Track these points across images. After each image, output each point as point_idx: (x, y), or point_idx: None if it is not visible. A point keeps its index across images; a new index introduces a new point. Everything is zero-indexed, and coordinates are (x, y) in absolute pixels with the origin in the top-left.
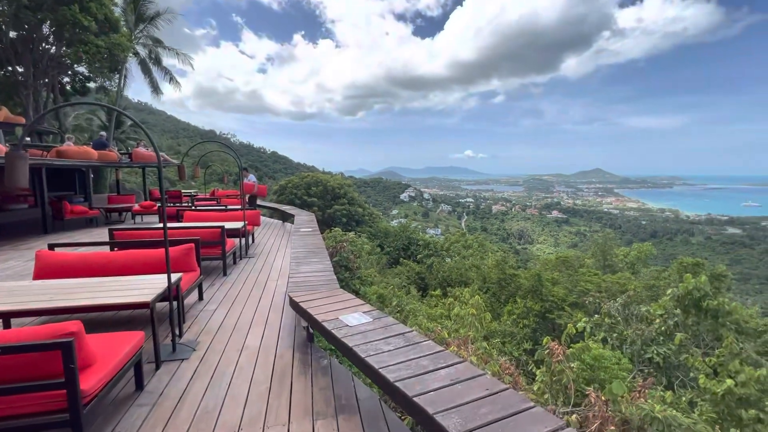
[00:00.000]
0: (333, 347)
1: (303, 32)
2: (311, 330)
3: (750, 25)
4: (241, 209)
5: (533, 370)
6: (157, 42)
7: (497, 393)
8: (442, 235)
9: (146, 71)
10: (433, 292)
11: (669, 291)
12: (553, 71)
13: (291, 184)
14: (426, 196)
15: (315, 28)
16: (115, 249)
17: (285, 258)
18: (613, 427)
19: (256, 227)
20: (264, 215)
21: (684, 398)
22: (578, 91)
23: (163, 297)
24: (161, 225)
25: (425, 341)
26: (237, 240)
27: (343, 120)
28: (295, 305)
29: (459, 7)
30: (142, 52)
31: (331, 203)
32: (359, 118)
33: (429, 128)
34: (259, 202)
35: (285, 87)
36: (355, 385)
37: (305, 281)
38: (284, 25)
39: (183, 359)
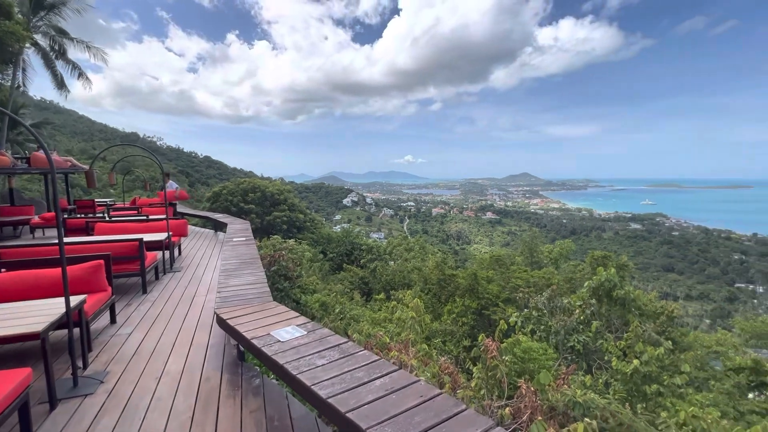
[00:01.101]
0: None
1: (237, 32)
2: (242, 348)
3: (643, 47)
4: (165, 219)
5: (470, 368)
6: (62, 33)
7: (431, 399)
8: (385, 239)
9: (49, 65)
10: (376, 296)
11: (586, 283)
12: (484, 82)
13: (226, 190)
14: (369, 200)
15: (250, 28)
16: (2, 270)
17: (216, 270)
18: (540, 417)
19: (183, 238)
20: (195, 224)
21: (600, 380)
22: (506, 100)
23: (60, 324)
24: (68, 240)
25: (361, 351)
26: (160, 253)
27: (283, 124)
28: (222, 323)
29: (396, 16)
30: (43, 42)
31: (270, 210)
32: (299, 123)
33: (370, 133)
34: (188, 210)
35: (218, 88)
36: (289, 404)
37: (235, 295)
38: (216, 23)
39: (87, 395)
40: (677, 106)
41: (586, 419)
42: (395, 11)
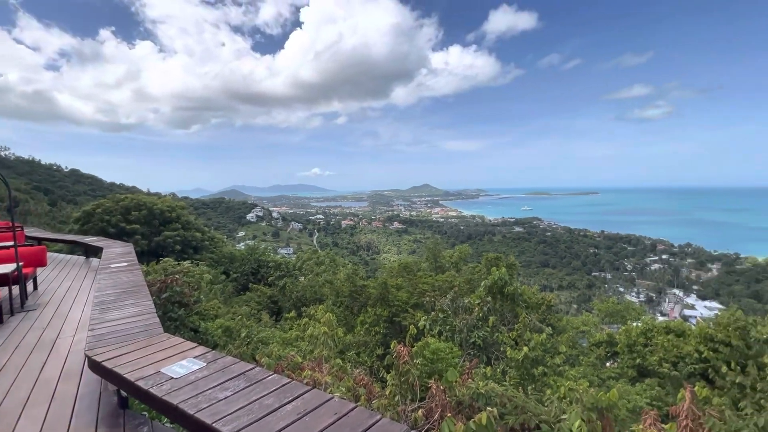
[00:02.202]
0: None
1: (113, 28)
2: (123, 393)
3: (516, 76)
4: (12, 246)
5: (384, 376)
6: None
7: (346, 414)
8: (294, 254)
9: None
10: (287, 315)
11: (482, 283)
12: (386, 98)
13: (101, 209)
14: (275, 215)
15: (130, 26)
16: None
17: (89, 305)
18: (449, 414)
19: (40, 268)
20: (58, 251)
21: (499, 369)
22: (407, 116)
23: None
24: None
25: (270, 376)
26: (4, 290)
27: (174, 134)
28: (96, 367)
29: (298, 29)
30: None
31: (159, 230)
32: (194, 133)
33: (275, 146)
34: (48, 234)
35: (89, 91)
36: None
37: (114, 332)
38: (85, 16)
39: None
40: (545, 127)
41: (488, 408)
42: (297, 23)
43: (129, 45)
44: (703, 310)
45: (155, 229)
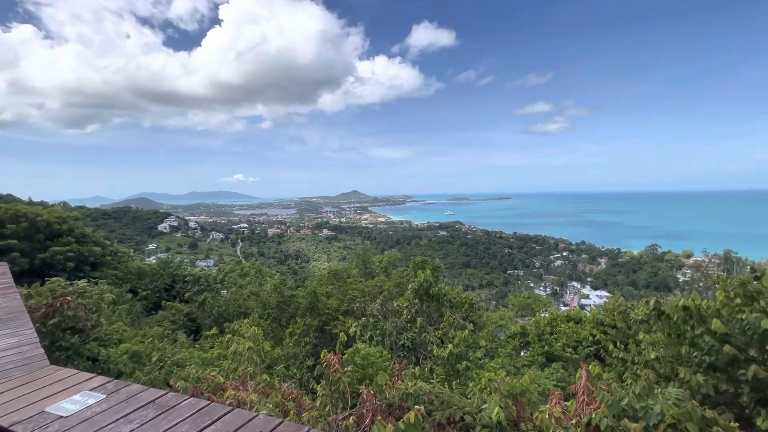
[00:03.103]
0: None
1: None
2: None
3: (438, 89)
4: None
5: (314, 388)
6: None
7: (272, 431)
8: (215, 267)
9: None
10: (207, 333)
11: (410, 285)
12: (313, 104)
13: None
14: (192, 224)
15: (5, 5)
16: None
17: None
18: (380, 417)
19: None
20: None
21: (426, 368)
22: (334, 123)
23: None
24: None
25: (185, 401)
26: None
27: (65, 134)
28: None
29: (217, 26)
30: None
31: (45, 245)
32: (90, 133)
33: (191, 150)
34: None
35: None
36: None
37: None
38: None
39: None
40: (464, 137)
41: (416, 406)
42: (216, 21)
43: (4, 27)
44: (596, 298)
45: (40, 245)
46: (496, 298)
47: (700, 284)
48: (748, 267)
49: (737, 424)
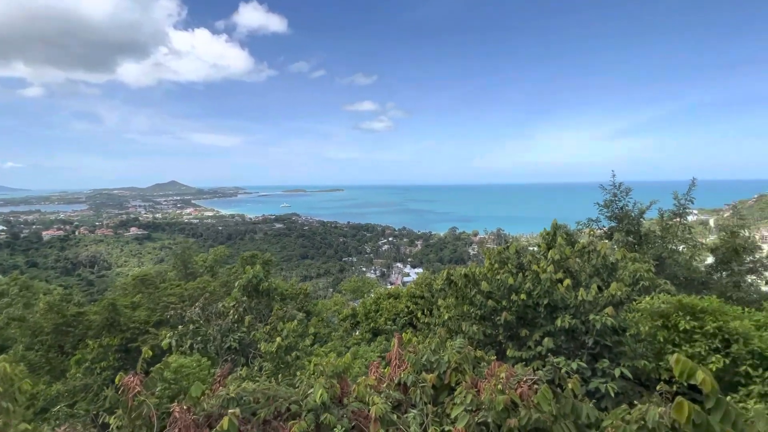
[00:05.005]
0: None
1: None
2: None
3: (269, 76)
4: None
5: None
6: None
7: None
8: None
9: None
10: None
11: (236, 283)
12: (110, 73)
13: None
14: None
15: None
16: None
17: None
18: (194, 430)
19: None
20: None
21: (255, 367)
22: (143, 100)
23: None
24: None
25: None
26: None
27: None
28: None
29: None
30: None
31: None
32: None
33: None
34: None
35: None
36: None
37: None
38: None
39: None
40: (299, 128)
41: (231, 410)
42: None
43: None
44: (414, 275)
45: None
46: (333, 284)
47: (481, 256)
48: (509, 240)
49: (495, 357)
